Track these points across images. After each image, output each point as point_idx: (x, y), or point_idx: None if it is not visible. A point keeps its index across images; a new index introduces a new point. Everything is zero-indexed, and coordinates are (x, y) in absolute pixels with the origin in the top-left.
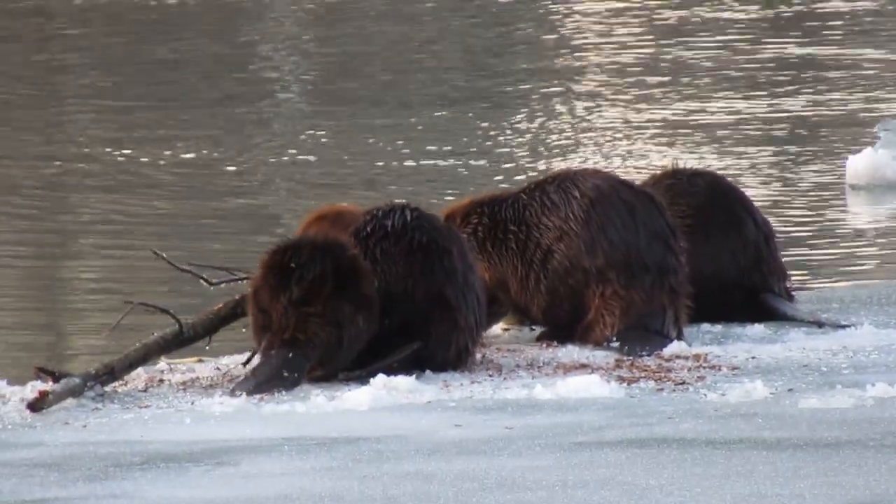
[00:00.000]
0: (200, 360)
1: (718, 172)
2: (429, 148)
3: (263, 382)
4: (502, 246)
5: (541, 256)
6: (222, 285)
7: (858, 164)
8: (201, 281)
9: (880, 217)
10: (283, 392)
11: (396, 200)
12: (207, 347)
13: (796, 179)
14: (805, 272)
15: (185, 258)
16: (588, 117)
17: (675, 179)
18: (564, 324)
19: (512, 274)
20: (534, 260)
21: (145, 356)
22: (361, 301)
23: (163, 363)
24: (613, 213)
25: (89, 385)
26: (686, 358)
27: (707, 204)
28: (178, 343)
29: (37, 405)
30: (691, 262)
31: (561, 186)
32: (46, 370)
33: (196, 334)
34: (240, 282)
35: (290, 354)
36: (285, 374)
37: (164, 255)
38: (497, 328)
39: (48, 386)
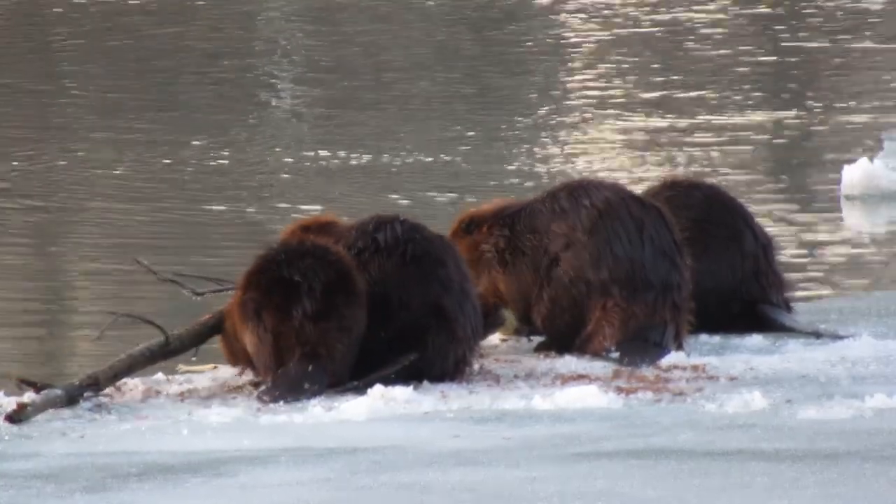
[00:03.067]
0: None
1: (716, 183)
2: (422, 150)
3: (287, 393)
4: (517, 257)
5: (547, 263)
6: (208, 295)
7: (853, 175)
8: (186, 292)
9: (877, 227)
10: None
11: (384, 213)
12: (194, 358)
13: (792, 189)
14: (803, 283)
15: (174, 268)
16: (581, 125)
17: (674, 191)
18: (564, 334)
19: (527, 284)
20: (541, 266)
21: (130, 367)
22: (361, 298)
23: (160, 374)
24: (621, 227)
25: (73, 396)
26: (684, 369)
27: (705, 216)
28: (164, 354)
29: (15, 417)
30: (691, 274)
31: (572, 194)
32: (29, 381)
33: (183, 345)
34: (227, 292)
35: (310, 367)
36: (307, 387)
37: (146, 263)
38: (495, 338)
39: (26, 397)
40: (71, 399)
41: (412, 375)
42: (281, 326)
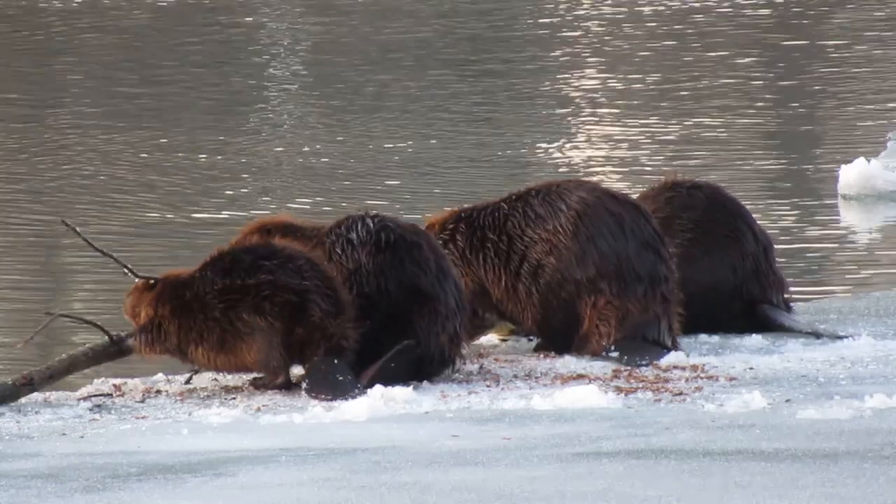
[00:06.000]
0: None
1: (716, 184)
2: (420, 148)
3: (332, 391)
4: (479, 254)
5: (530, 269)
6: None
7: (850, 175)
8: (125, 271)
9: (874, 227)
10: (341, 398)
11: (353, 213)
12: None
13: (790, 189)
14: (803, 283)
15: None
16: (582, 125)
17: (674, 192)
18: (559, 334)
19: (494, 283)
20: (521, 272)
21: (70, 368)
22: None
23: (160, 374)
24: (602, 224)
25: (4, 395)
26: (684, 368)
27: (706, 216)
28: (107, 355)
29: None
30: (691, 274)
31: (546, 199)
32: None
33: (128, 347)
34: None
35: (336, 361)
36: (340, 379)
37: (78, 231)
38: (494, 339)
39: None
40: (2, 398)
41: (411, 363)
42: (297, 328)
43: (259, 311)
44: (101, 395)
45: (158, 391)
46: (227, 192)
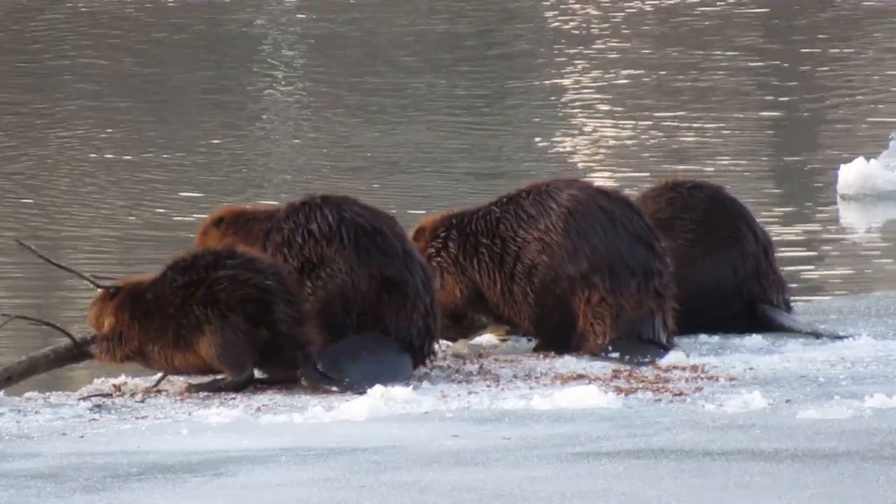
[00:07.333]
0: None
1: (717, 184)
2: (414, 145)
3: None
4: (473, 259)
5: (524, 271)
6: None
7: (849, 174)
8: (86, 282)
9: (874, 227)
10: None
11: (308, 197)
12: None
13: (791, 189)
14: (803, 283)
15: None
16: (579, 125)
17: (675, 192)
18: (556, 333)
19: (489, 287)
20: (515, 274)
21: (29, 370)
22: None
23: (160, 374)
24: (593, 219)
25: None
26: (684, 369)
27: (707, 216)
28: (70, 358)
29: None
30: (692, 274)
31: (537, 199)
32: None
33: (91, 350)
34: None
35: (320, 365)
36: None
37: (33, 248)
38: (494, 339)
39: None
40: None
41: (400, 351)
42: (262, 328)
43: (212, 303)
44: (101, 394)
45: (158, 391)
46: (182, 194)
